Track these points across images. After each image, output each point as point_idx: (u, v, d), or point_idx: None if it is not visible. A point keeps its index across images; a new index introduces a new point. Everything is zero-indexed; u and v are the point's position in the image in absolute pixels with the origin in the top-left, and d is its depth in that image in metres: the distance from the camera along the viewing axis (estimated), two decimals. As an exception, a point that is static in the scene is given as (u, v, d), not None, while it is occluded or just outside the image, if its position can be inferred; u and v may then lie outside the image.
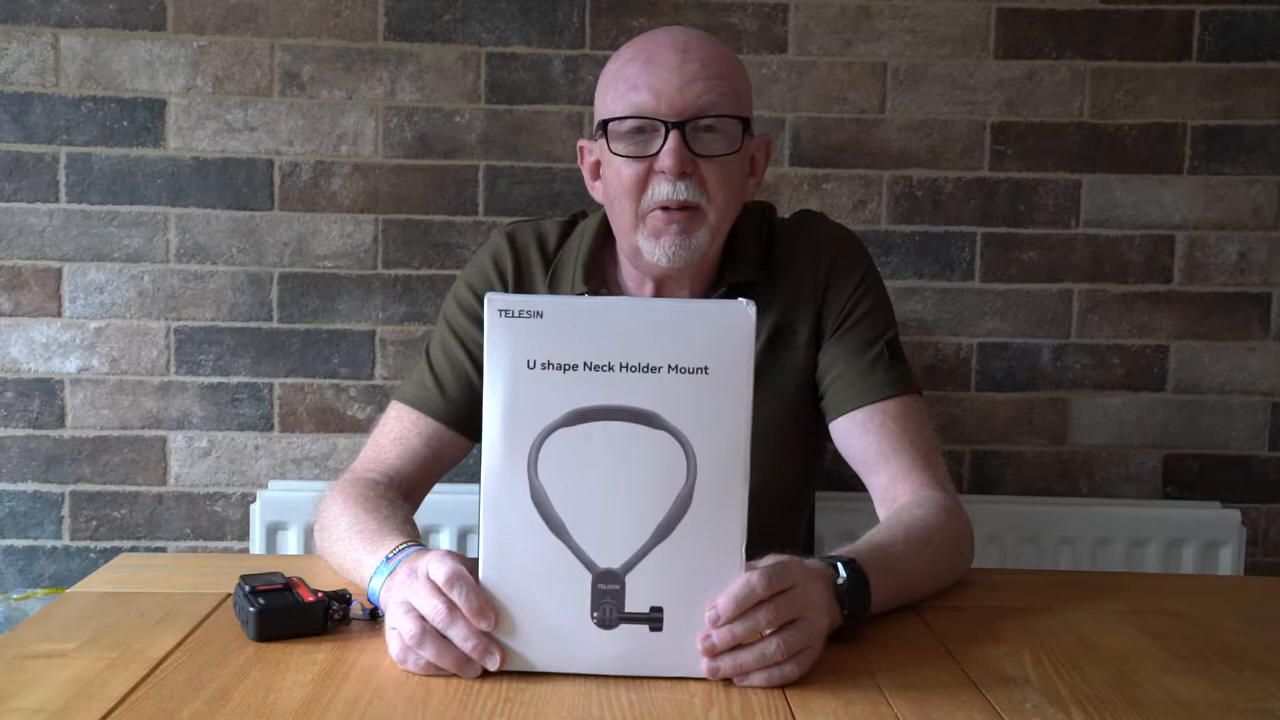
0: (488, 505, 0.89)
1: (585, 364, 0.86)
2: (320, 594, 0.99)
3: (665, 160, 1.20)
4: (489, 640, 0.89)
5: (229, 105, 1.92)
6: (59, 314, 1.94)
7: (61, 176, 1.91)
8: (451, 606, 0.89)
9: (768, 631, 0.88)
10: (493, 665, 0.89)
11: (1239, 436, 1.99)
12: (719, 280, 1.32)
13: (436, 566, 0.90)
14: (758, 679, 0.89)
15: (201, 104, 1.91)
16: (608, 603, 0.88)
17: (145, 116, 1.91)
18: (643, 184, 1.22)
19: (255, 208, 1.93)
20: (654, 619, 0.88)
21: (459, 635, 0.89)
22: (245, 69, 1.91)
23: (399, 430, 1.31)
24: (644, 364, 0.86)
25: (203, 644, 0.96)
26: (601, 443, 0.87)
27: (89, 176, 1.91)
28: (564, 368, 0.86)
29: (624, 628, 0.88)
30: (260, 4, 1.90)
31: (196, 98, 1.91)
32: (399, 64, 1.92)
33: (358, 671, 0.91)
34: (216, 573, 1.16)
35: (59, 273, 1.93)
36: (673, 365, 0.86)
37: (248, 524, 1.93)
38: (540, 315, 0.86)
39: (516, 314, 0.86)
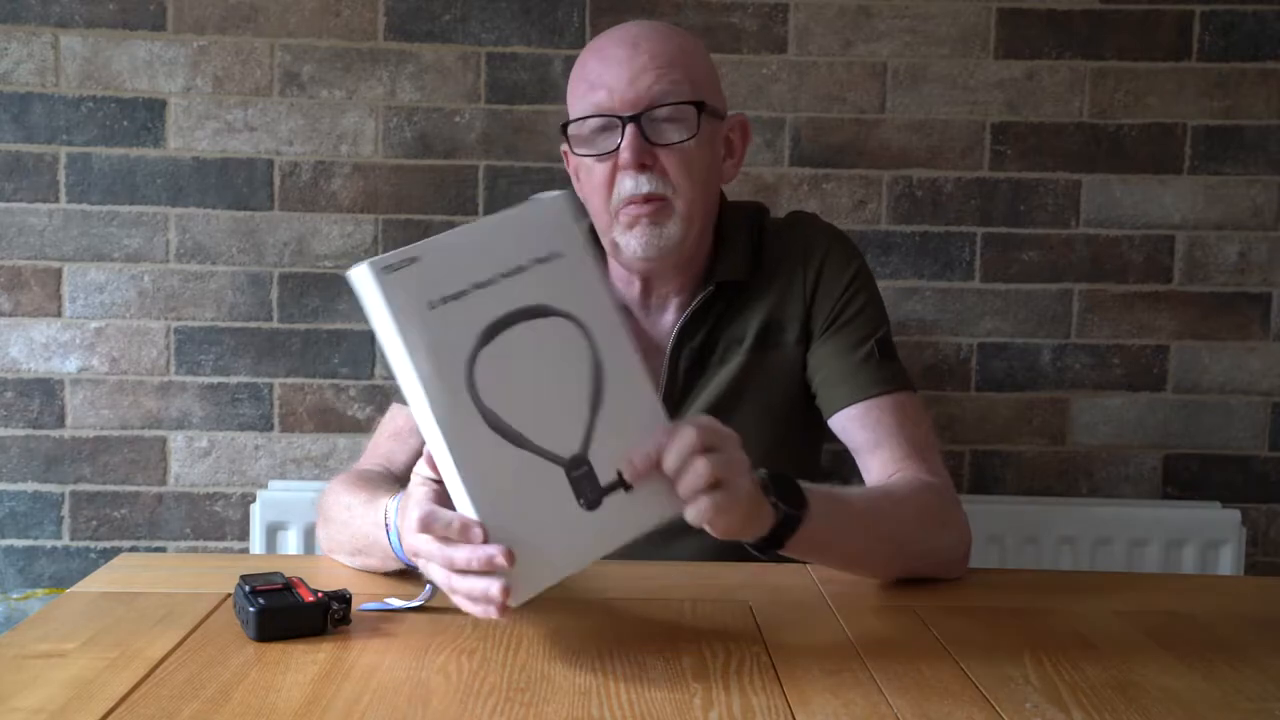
0: (455, 451, 0.88)
1: (473, 285, 0.90)
2: (320, 594, 0.99)
3: (623, 154, 1.22)
4: (491, 558, 0.88)
5: (229, 105, 1.92)
6: (59, 314, 1.93)
7: (61, 176, 1.91)
8: (445, 540, 0.90)
9: (701, 466, 0.90)
10: (500, 585, 0.88)
11: (1239, 436, 1.99)
12: (708, 278, 1.32)
13: (408, 521, 0.92)
14: (701, 503, 0.90)
15: (201, 104, 1.91)
16: (585, 485, 0.91)
17: (145, 116, 1.91)
18: (610, 181, 1.24)
19: (255, 208, 1.93)
20: (624, 482, 0.92)
21: (463, 560, 0.89)
22: (245, 69, 1.91)
23: (394, 427, 1.34)
24: (515, 267, 0.91)
25: (203, 644, 0.96)
26: (518, 347, 0.91)
27: (89, 176, 1.91)
28: (458, 295, 0.90)
29: (606, 501, 0.92)
30: (260, 4, 1.90)
31: (196, 98, 1.91)
32: (399, 64, 1.92)
33: (358, 671, 0.91)
34: (216, 573, 1.15)
35: (59, 273, 1.93)
36: (533, 259, 0.92)
37: (248, 524, 1.92)
38: (417, 260, 0.90)
39: (398, 266, 0.90)
